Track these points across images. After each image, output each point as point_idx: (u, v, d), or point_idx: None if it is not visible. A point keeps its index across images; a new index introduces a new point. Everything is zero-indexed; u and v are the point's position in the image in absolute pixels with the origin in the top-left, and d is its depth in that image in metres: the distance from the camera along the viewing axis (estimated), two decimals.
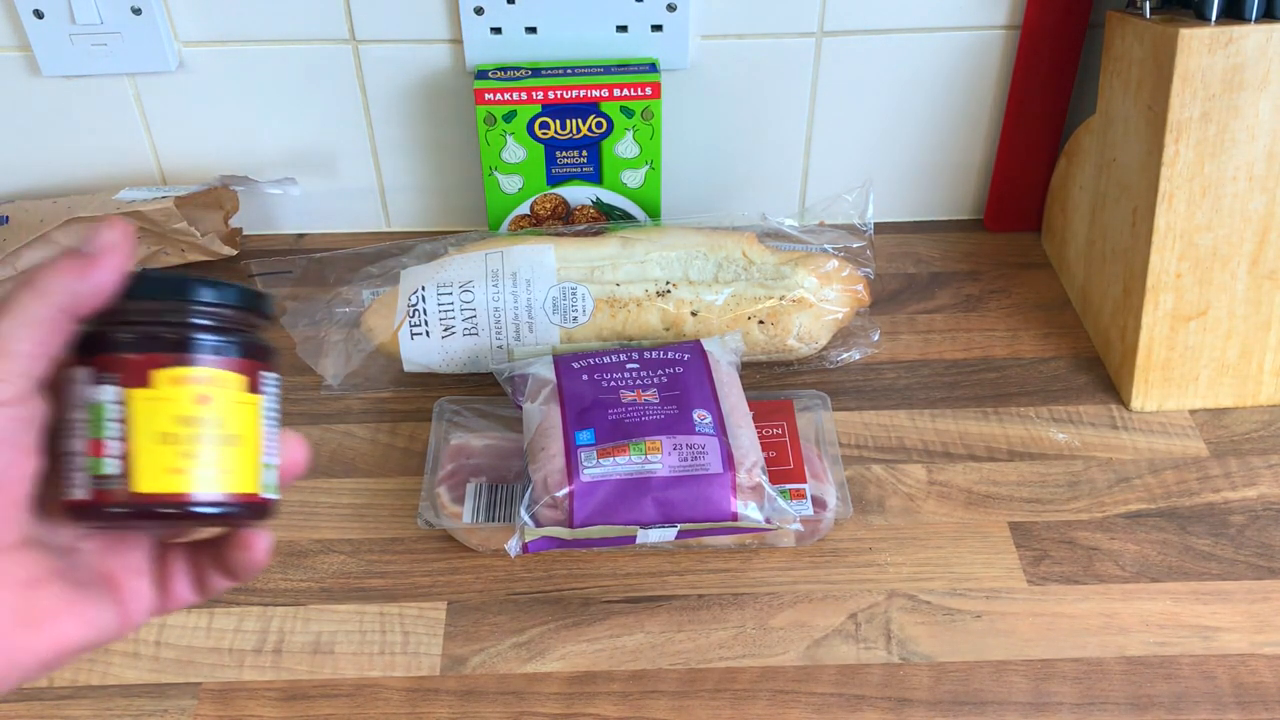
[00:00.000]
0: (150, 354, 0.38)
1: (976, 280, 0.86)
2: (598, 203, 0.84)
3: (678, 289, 0.73)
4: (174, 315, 0.38)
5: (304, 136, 0.87)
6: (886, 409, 0.74)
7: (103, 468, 0.37)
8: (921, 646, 0.60)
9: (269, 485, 0.40)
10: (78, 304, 0.37)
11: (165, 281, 0.39)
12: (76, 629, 0.39)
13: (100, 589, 0.40)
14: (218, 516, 0.38)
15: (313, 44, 0.82)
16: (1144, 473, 0.69)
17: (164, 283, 0.39)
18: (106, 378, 0.37)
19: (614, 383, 0.66)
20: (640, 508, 0.60)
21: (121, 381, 0.37)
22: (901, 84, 0.85)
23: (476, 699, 0.57)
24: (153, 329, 0.38)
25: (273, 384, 0.40)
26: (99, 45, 0.80)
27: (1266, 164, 0.67)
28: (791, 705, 0.57)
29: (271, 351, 0.41)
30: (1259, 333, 0.72)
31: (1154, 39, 0.68)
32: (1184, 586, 0.63)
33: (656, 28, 0.81)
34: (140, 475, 0.37)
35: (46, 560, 0.39)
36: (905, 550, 0.65)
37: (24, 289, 0.37)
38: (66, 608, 0.39)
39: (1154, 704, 0.57)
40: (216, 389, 0.38)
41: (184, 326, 0.38)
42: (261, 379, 0.40)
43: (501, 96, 0.78)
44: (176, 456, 0.37)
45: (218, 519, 0.39)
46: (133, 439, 0.37)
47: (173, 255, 0.87)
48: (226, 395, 0.38)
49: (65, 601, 0.39)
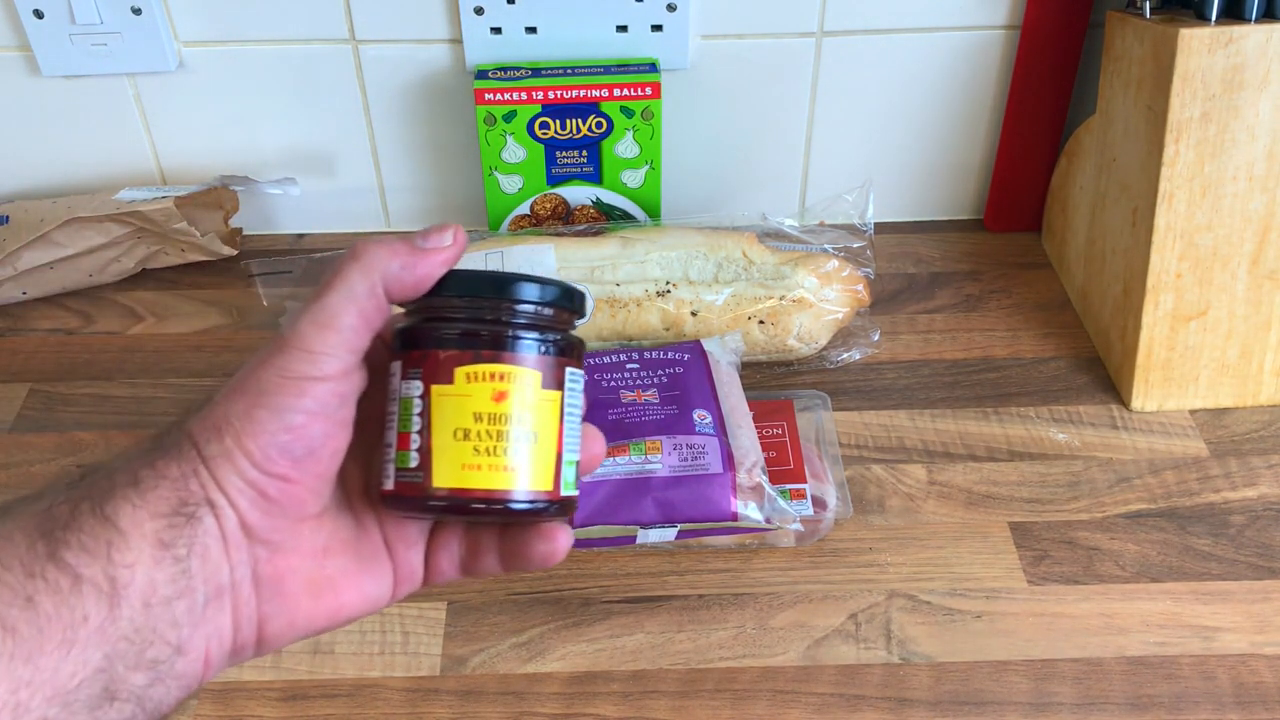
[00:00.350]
0: (450, 351, 0.38)
1: (977, 280, 0.86)
2: (598, 203, 0.84)
3: (678, 289, 0.73)
4: (473, 312, 0.39)
5: (304, 136, 0.87)
6: (887, 409, 0.74)
7: (408, 461, 0.38)
8: (921, 646, 0.60)
9: (568, 482, 0.40)
10: (399, 288, 0.38)
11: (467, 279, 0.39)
12: (353, 599, 0.40)
13: (379, 560, 0.41)
14: (512, 513, 0.39)
15: (313, 44, 0.82)
16: (1144, 473, 0.69)
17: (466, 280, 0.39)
18: (413, 373, 0.39)
19: (614, 383, 0.66)
20: (640, 508, 0.60)
21: (424, 377, 0.38)
22: (902, 84, 0.85)
23: (476, 699, 0.57)
24: (454, 326, 0.39)
25: (576, 379, 0.40)
26: (99, 45, 0.80)
27: (1266, 164, 0.67)
28: (791, 705, 0.57)
29: (574, 347, 0.40)
30: (1259, 333, 0.72)
31: (1154, 39, 0.68)
32: (1184, 586, 0.62)
33: (656, 28, 0.81)
34: (437, 470, 0.38)
35: (341, 530, 0.41)
36: (905, 550, 0.65)
37: (350, 263, 0.38)
38: (347, 578, 0.40)
39: (1154, 704, 0.57)
40: (514, 385, 0.38)
41: (482, 323, 0.39)
42: (563, 375, 0.40)
43: (501, 96, 0.78)
44: (472, 453, 0.38)
45: (512, 515, 0.39)
46: (433, 434, 0.38)
47: (172, 255, 0.87)
48: (525, 392, 0.38)
49: (348, 572, 0.40)
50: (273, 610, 0.38)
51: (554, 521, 0.41)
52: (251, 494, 0.37)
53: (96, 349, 0.80)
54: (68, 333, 0.82)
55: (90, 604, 0.33)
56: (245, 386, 0.37)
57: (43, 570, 0.33)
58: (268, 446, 0.36)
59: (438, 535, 0.42)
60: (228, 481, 0.36)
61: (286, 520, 0.38)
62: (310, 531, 0.39)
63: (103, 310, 0.84)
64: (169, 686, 0.35)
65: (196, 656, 0.36)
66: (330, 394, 0.37)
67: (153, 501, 0.35)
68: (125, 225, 0.83)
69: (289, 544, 0.38)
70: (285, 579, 0.39)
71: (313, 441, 0.37)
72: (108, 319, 0.83)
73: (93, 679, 0.33)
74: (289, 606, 0.39)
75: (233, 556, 0.37)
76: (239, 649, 0.38)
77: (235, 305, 0.84)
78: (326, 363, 0.37)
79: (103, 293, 0.85)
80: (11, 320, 0.83)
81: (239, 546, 0.37)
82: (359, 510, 0.41)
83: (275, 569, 0.38)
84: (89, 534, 0.34)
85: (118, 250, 0.84)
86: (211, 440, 0.36)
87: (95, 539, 0.34)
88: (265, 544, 0.38)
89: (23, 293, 0.83)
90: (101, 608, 0.33)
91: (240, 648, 0.38)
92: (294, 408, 0.36)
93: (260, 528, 0.37)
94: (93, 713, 0.33)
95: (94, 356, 0.80)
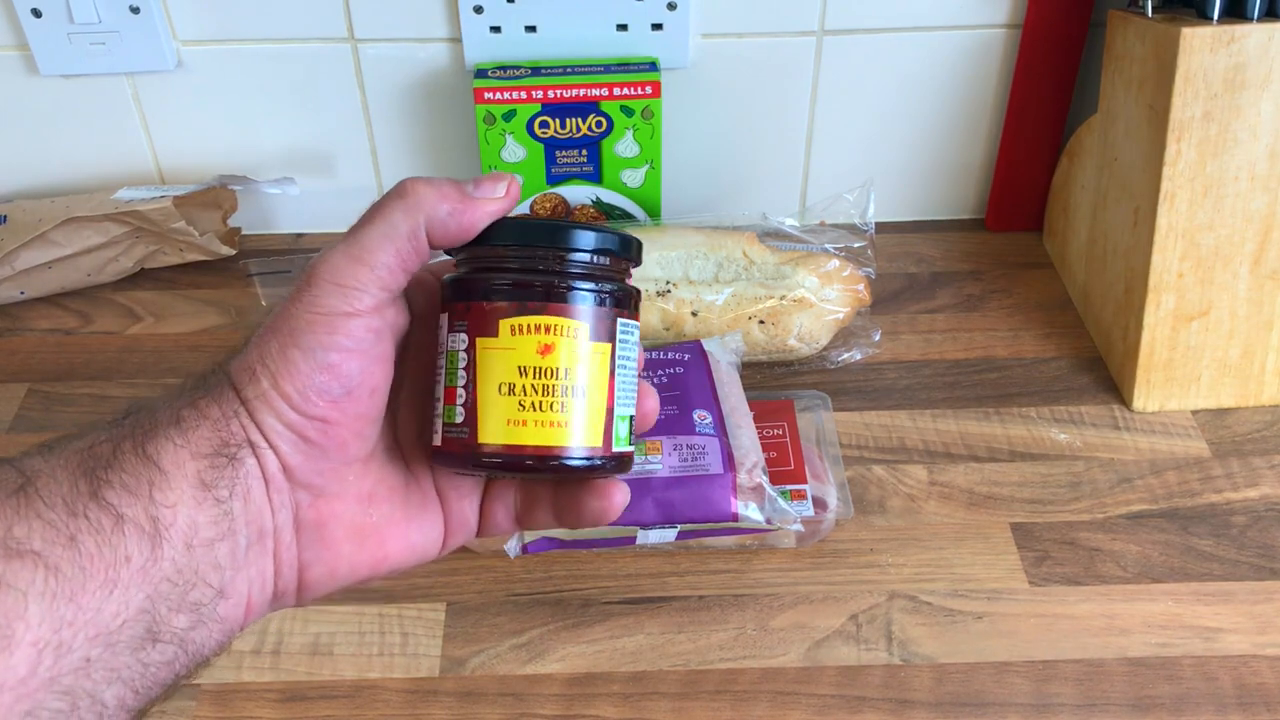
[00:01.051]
0: (496, 303, 0.37)
1: (978, 280, 0.86)
2: (598, 202, 0.84)
3: (678, 289, 0.73)
4: (519, 262, 0.38)
5: (303, 136, 0.86)
6: (887, 409, 0.74)
7: (454, 416, 0.37)
8: (923, 647, 0.59)
9: (620, 437, 0.39)
10: (443, 233, 0.37)
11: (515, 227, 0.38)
12: (398, 548, 0.40)
13: (428, 511, 0.41)
14: (564, 469, 0.38)
15: (311, 43, 0.82)
16: (1146, 473, 0.69)
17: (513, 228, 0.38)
18: (459, 325, 0.38)
19: None
20: (640, 508, 0.60)
21: (470, 330, 0.37)
22: (902, 83, 0.85)
23: (476, 700, 0.57)
24: (499, 276, 0.38)
25: (629, 331, 0.39)
26: (97, 44, 0.80)
27: (1268, 163, 0.67)
28: (792, 707, 0.57)
29: (628, 298, 0.39)
30: (1261, 332, 0.72)
31: (1156, 38, 0.67)
32: (1186, 587, 0.62)
33: (656, 26, 0.80)
34: (484, 427, 0.37)
35: (389, 477, 0.40)
36: (906, 551, 0.64)
37: (394, 200, 0.37)
38: (393, 527, 0.40)
39: (1156, 705, 0.57)
40: (561, 338, 0.37)
41: (527, 274, 0.38)
42: (614, 326, 0.38)
43: (501, 95, 0.78)
44: (518, 408, 0.37)
45: (563, 471, 0.38)
46: (479, 389, 0.37)
47: (171, 255, 0.86)
48: (572, 344, 0.37)
49: (394, 521, 0.40)
50: (314, 556, 0.38)
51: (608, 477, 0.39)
52: (292, 436, 0.36)
53: (95, 349, 0.80)
54: (66, 333, 0.82)
55: (133, 544, 0.33)
56: (278, 325, 0.36)
57: (85, 509, 0.33)
58: (305, 388, 0.36)
59: (493, 486, 0.42)
60: (267, 424, 0.36)
61: (329, 464, 0.37)
62: (355, 477, 0.39)
63: (101, 310, 0.84)
64: (211, 630, 0.35)
65: (239, 600, 0.36)
66: (364, 329, 0.36)
67: (195, 441, 0.35)
68: (124, 225, 0.82)
69: (332, 489, 0.38)
70: (328, 524, 0.38)
71: (350, 380, 0.36)
72: (106, 319, 0.83)
73: (135, 620, 0.33)
74: (331, 553, 0.38)
75: (275, 500, 0.37)
76: (280, 594, 0.38)
77: (234, 305, 0.84)
78: (359, 298, 0.36)
79: (101, 292, 0.85)
80: (10, 320, 0.83)
81: (281, 490, 0.37)
82: (412, 458, 0.41)
83: (318, 514, 0.38)
84: (131, 473, 0.34)
85: (116, 250, 0.84)
86: (248, 383, 0.36)
87: (137, 478, 0.34)
88: (308, 488, 0.37)
89: (21, 292, 0.83)
90: (144, 548, 0.33)
91: (281, 593, 0.38)
92: (327, 345, 0.36)
93: (302, 471, 0.37)
94: (135, 654, 0.33)
95: (92, 356, 0.79)
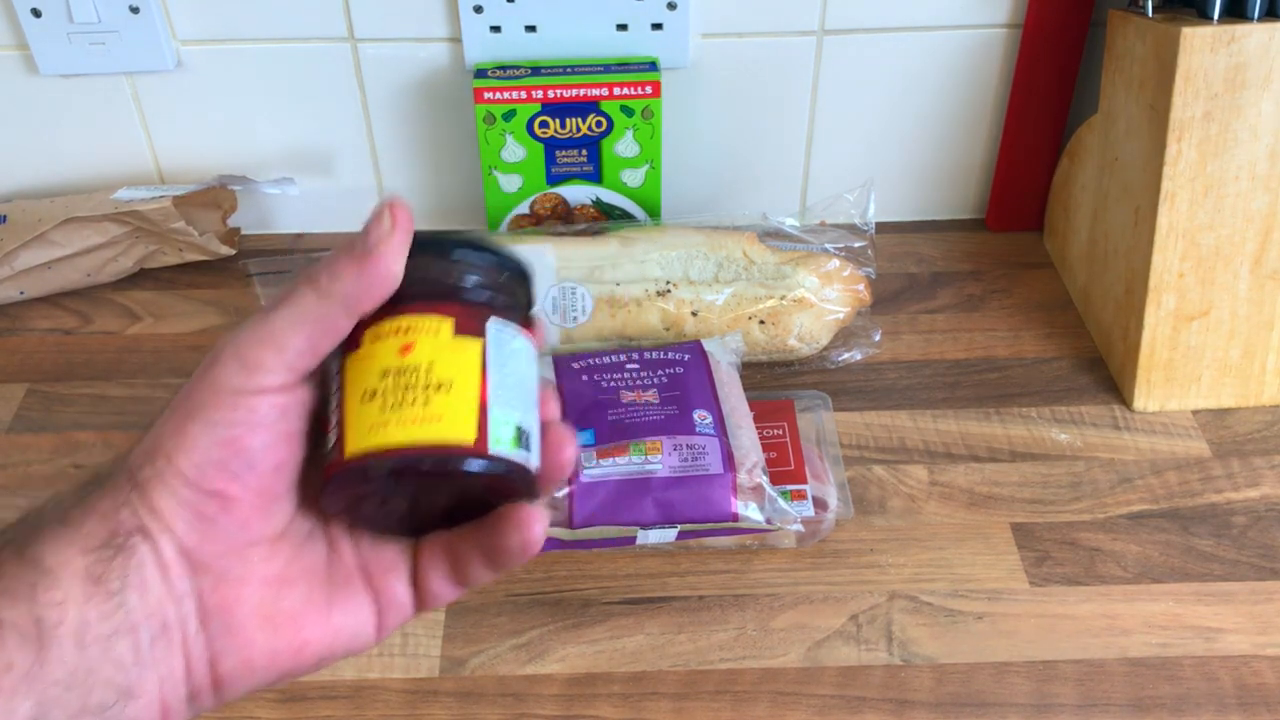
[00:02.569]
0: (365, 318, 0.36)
1: (978, 280, 0.85)
2: (598, 202, 0.84)
3: (678, 289, 0.73)
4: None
5: (302, 136, 0.86)
6: (888, 409, 0.74)
7: (329, 443, 0.35)
8: (923, 648, 0.59)
9: (502, 439, 0.36)
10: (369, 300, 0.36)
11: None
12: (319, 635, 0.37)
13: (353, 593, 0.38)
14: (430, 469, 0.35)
15: (311, 43, 0.81)
16: (1146, 473, 0.69)
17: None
18: (337, 352, 0.36)
19: (614, 383, 0.65)
20: (640, 508, 0.60)
21: (342, 350, 0.36)
22: (903, 83, 0.85)
23: (476, 701, 0.57)
24: None
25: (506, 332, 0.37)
26: (97, 44, 0.80)
27: (1269, 163, 0.67)
28: (792, 707, 0.57)
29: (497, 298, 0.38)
30: (1261, 333, 0.72)
31: (1156, 38, 0.67)
32: (1186, 587, 0.62)
33: (657, 26, 0.80)
34: (349, 440, 0.35)
35: (305, 558, 0.37)
36: (906, 551, 0.64)
37: (305, 285, 0.36)
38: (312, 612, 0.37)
39: (1156, 705, 0.56)
40: (421, 336, 0.35)
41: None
42: (482, 323, 0.37)
43: (501, 95, 0.78)
44: (378, 411, 0.34)
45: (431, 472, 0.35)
46: (345, 405, 0.35)
47: (170, 255, 0.86)
48: (433, 340, 0.35)
49: (313, 605, 0.37)
50: (224, 646, 0.35)
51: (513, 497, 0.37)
52: (189, 515, 0.34)
53: (94, 349, 0.80)
54: (66, 333, 0.82)
55: (13, 650, 0.31)
56: (177, 404, 0.35)
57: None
58: (203, 463, 0.34)
59: (422, 556, 0.39)
60: (163, 504, 0.34)
61: (231, 544, 0.35)
62: (262, 558, 0.36)
63: (101, 310, 0.84)
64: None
65: (150, 701, 0.34)
66: (269, 405, 0.35)
67: (81, 537, 0.33)
68: (123, 225, 0.82)
69: (236, 571, 0.35)
70: (234, 610, 0.35)
71: (251, 455, 0.34)
72: (106, 319, 0.83)
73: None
74: (242, 642, 0.36)
75: (176, 588, 0.34)
76: (196, 692, 0.35)
77: (233, 305, 0.84)
78: (265, 377, 0.35)
79: (101, 292, 0.85)
80: (9, 320, 0.83)
81: (181, 576, 0.35)
82: (334, 536, 0.38)
83: (223, 599, 0.35)
84: (11, 578, 0.32)
85: (115, 250, 0.84)
86: (144, 464, 0.34)
87: (18, 581, 0.32)
88: (210, 572, 0.35)
89: (20, 292, 0.83)
90: (27, 653, 0.31)
91: (197, 690, 0.35)
92: (229, 420, 0.34)
93: (202, 552, 0.35)
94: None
95: (92, 356, 0.79)
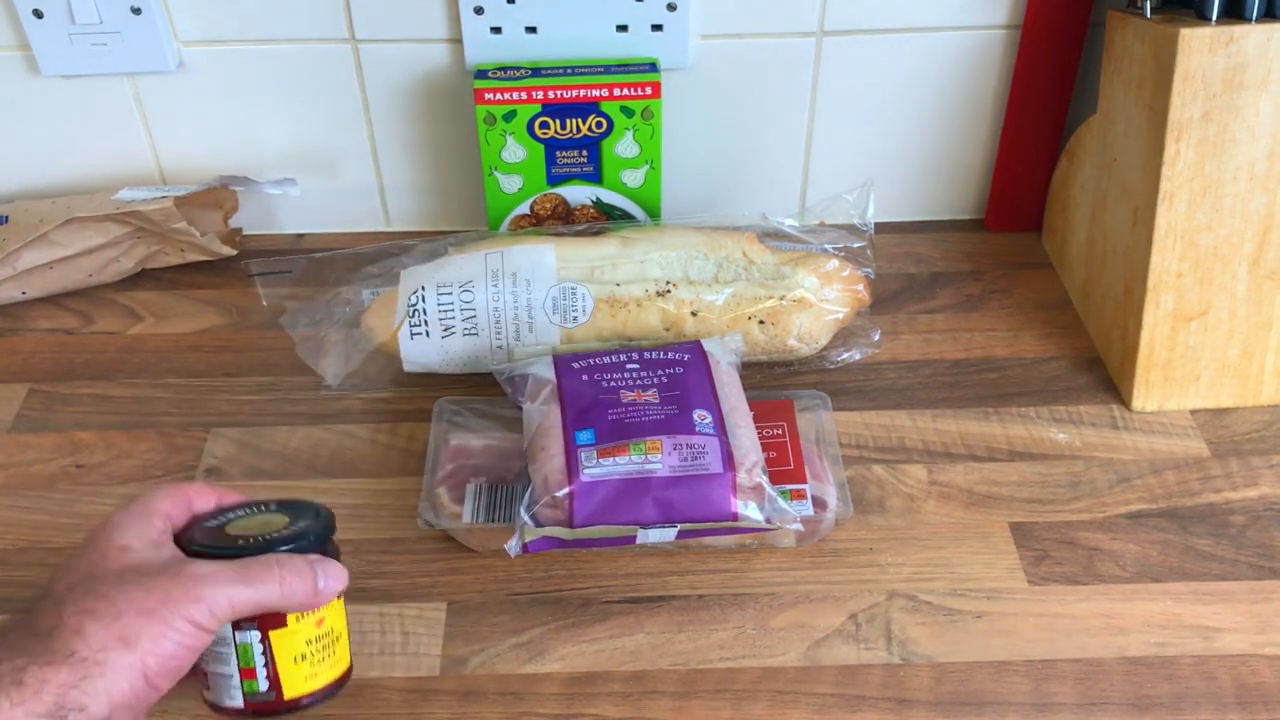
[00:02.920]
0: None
1: (977, 280, 0.86)
2: (598, 202, 0.84)
3: (678, 289, 0.73)
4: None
5: (304, 136, 0.86)
6: (887, 409, 0.74)
7: (257, 687, 0.49)
8: (922, 647, 0.59)
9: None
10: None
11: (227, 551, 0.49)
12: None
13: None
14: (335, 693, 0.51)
15: (312, 43, 0.82)
16: (1145, 473, 0.69)
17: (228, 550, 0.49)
18: (247, 625, 0.48)
19: (614, 383, 0.66)
20: (640, 508, 0.60)
21: (260, 626, 0.48)
22: (902, 83, 0.85)
23: (476, 700, 0.57)
24: None
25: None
26: (98, 45, 0.80)
27: (1267, 164, 0.67)
28: (792, 706, 0.57)
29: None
30: (1260, 333, 0.72)
31: (1155, 39, 0.67)
32: (1185, 587, 0.62)
33: (657, 27, 0.80)
34: (287, 688, 0.49)
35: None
36: (906, 550, 0.65)
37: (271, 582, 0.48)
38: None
39: (1155, 704, 0.57)
40: (329, 611, 0.50)
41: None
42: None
43: (501, 96, 0.78)
44: (310, 666, 0.50)
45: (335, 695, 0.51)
46: (278, 666, 0.49)
47: (172, 255, 0.87)
48: (334, 609, 0.51)
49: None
50: None
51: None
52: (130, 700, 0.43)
53: (96, 349, 0.80)
54: (67, 333, 0.82)
55: None
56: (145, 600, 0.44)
57: None
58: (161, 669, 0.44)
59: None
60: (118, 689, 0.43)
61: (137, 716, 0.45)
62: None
63: (102, 310, 0.84)
64: None
65: None
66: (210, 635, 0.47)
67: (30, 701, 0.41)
68: (125, 225, 0.83)
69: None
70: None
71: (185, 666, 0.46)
72: (107, 319, 0.83)
73: None
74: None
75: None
76: None
77: (235, 305, 0.84)
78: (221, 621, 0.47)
79: (102, 293, 0.85)
80: (11, 320, 0.83)
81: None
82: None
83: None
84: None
85: (117, 250, 0.84)
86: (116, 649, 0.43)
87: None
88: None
89: (22, 293, 0.83)
90: None
91: None
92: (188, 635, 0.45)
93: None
94: None
95: (93, 356, 0.79)
